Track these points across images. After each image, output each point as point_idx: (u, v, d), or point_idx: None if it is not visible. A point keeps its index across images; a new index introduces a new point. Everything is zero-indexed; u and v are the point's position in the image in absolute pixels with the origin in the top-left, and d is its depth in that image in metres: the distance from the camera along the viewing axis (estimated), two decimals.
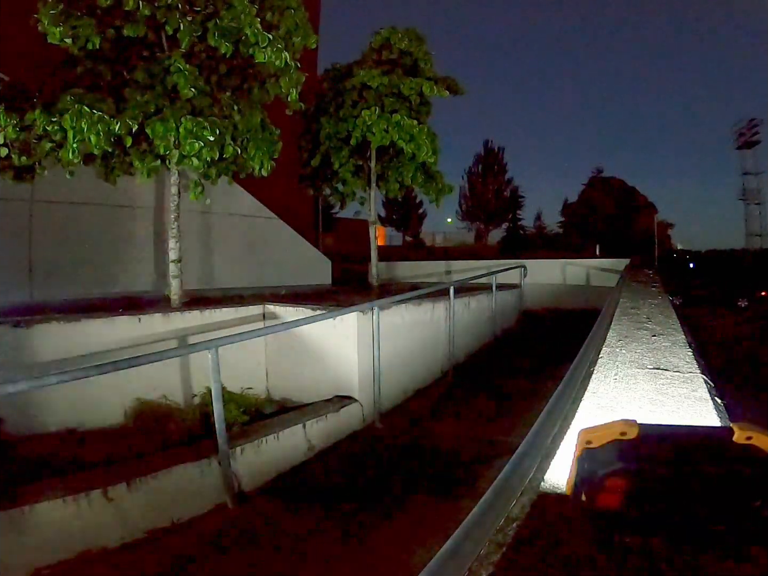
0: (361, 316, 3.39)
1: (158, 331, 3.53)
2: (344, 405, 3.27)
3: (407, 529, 2.08)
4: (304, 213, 11.59)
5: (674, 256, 18.50)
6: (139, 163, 3.60)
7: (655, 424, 0.58)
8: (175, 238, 3.96)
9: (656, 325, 1.95)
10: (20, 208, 4.31)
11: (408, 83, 5.03)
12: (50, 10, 3.22)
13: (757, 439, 0.50)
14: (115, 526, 2.07)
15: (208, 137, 3.35)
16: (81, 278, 4.63)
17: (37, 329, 3.05)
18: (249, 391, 3.64)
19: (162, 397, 3.40)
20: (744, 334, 6.21)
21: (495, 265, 7.18)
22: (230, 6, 3.40)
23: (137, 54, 3.66)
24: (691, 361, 1.36)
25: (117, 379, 3.00)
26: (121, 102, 3.41)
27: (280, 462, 2.75)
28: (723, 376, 1.81)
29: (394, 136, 4.83)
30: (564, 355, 2.54)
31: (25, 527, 1.89)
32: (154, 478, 2.22)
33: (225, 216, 5.77)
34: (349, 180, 5.71)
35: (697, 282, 11.18)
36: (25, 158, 3.35)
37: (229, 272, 5.77)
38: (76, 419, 3.03)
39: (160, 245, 5.00)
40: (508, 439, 2.71)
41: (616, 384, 1.15)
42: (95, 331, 3.26)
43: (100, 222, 4.80)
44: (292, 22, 3.84)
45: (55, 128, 3.10)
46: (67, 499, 1.99)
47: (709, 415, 0.94)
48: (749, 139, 35.32)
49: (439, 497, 2.27)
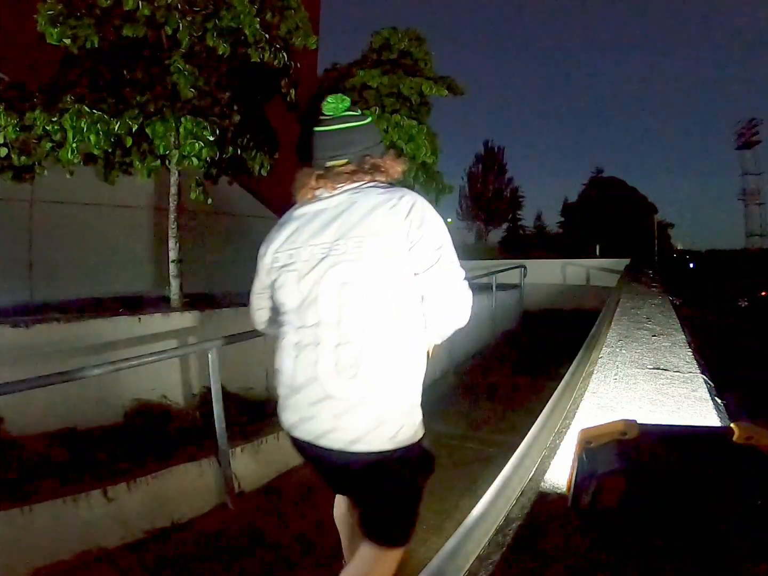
0: None
1: (158, 331, 3.53)
2: None
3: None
4: None
5: (674, 256, 18.50)
6: (139, 163, 3.60)
7: (655, 424, 0.58)
8: (175, 238, 3.96)
9: (656, 325, 1.95)
10: (20, 208, 4.31)
11: (408, 83, 5.03)
12: (48, 10, 3.22)
13: (757, 439, 0.51)
14: (115, 526, 2.07)
15: (208, 137, 3.36)
16: (81, 278, 4.63)
17: (37, 329, 3.05)
18: (249, 391, 3.64)
19: (162, 397, 3.40)
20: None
21: (495, 265, 7.19)
22: (230, 6, 3.41)
23: (137, 54, 3.66)
24: (691, 361, 1.36)
25: (117, 378, 3.00)
26: (121, 102, 3.41)
27: (281, 462, 2.74)
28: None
29: (394, 137, 4.83)
30: (564, 355, 2.54)
31: (25, 527, 1.89)
32: (154, 478, 2.22)
33: (225, 216, 5.78)
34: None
35: (697, 282, 11.17)
36: (25, 158, 3.35)
37: (229, 272, 5.77)
38: (76, 419, 3.03)
39: (160, 245, 5.01)
40: (508, 439, 2.71)
41: (616, 384, 1.15)
42: (95, 331, 3.26)
43: (100, 222, 4.80)
44: (292, 22, 3.84)
45: (55, 128, 3.10)
46: (67, 499, 1.99)
47: (709, 415, 0.94)
48: (749, 139, 35.34)
49: (440, 497, 2.27)
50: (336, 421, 1.06)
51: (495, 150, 28.38)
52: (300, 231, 1.15)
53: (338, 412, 1.06)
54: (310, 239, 1.12)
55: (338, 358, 1.07)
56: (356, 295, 1.07)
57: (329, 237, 1.10)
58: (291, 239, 1.15)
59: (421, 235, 1.07)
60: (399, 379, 1.11)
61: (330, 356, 1.07)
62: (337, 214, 1.12)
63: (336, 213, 1.12)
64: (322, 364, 1.08)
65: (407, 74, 5.18)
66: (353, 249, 1.07)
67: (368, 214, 1.08)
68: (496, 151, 28.39)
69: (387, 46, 5.51)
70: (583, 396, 1.07)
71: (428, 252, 1.08)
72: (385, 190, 1.13)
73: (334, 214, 1.12)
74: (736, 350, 5.92)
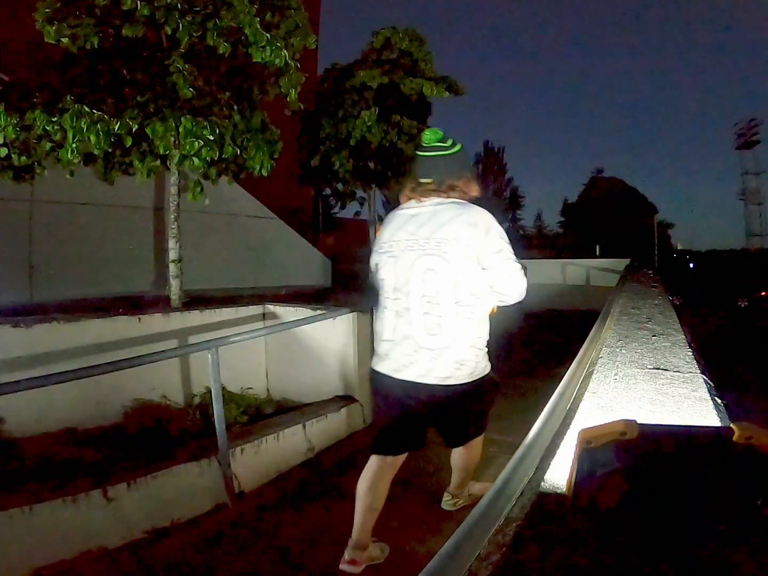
0: (361, 316, 3.39)
1: (158, 331, 3.53)
2: (344, 405, 3.27)
3: (408, 528, 2.08)
4: (304, 213, 11.59)
5: (674, 256, 18.51)
6: (139, 163, 3.60)
7: (655, 424, 0.58)
8: (175, 238, 3.96)
9: (656, 325, 1.95)
10: (20, 208, 4.31)
11: (408, 83, 5.04)
12: (46, 9, 3.22)
13: (757, 439, 0.51)
14: (115, 526, 2.07)
15: (207, 136, 3.35)
16: (81, 278, 4.63)
17: (37, 329, 3.05)
18: (249, 391, 3.64)
19: (162, 397, 3.40)
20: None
21: None
22: (230, 6, 3.41)
23: (137, 54, 3.66)
24: (691, 361, 1.36)
25: (117, 378, 3.00)
26: (120, 102, 3.41)
27: (281, 462, 2.75)
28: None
29: (394, 137, 4.83)
30: (564, 355, 2.54)
31: (25, 527, 1.89)
32: (154, 478, 2.22)
33: (225, 216, 5.77)
34: (349, 180, 5.71)
35: (697, 282, 11.18)
36: (25, 158, 3.35)
37: (229, 272, 5.77)
38: (76, 419, 3.03)
39: (160, 245, 5.01)
40: (508, 438, 2.71)
41: (616, 384, 1.15)
42: (95, 331, 3.26)
43: (100, 222, 4.80)
44: (292, 22, 3.84)
45: (55, 128, 3.10)
46: (67, 499, 1.99)
47: (709, 415, 0.94)
48: (749, 139, 35.32)
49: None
50: (431, 364, 1.54)
51: (495, 150, 28.43)
52: (400, 228, 1.61)
53: (431, 359, 1.54)
54: (405, 235, 1.58)
55: (425, 322, 1.54)
56: (436, 278, 1.52)
57: (419, 236, 1.55)
58: (393, 233, 1.62)
59: (487, 240, 1.51)
60: (469, 336, 1.56)
61: (419, 320, 1.54)
62: (425, 220, 1.56)
63: (424, 219, 1.56)
64: (414, 326, 1.55)
65: (407, 74, 5.19)
66: (434, 246, 1.52)
67: (447, 222, 1.52)
68: (496, 151, 28.43)
69: (387, 46, 5.52)
70: (583, 396, 1.07)
71: (492, 252, 1.51)
72: (460, 206, 1.56)
73: (423, 220, 1.56)
74: (736, 350, 5.92)
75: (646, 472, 0.53)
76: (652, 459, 0.53)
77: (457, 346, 1.53)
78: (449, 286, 1.51)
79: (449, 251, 1.49)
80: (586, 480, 0.54)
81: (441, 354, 1.53)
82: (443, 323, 1.51)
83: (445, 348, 1.52)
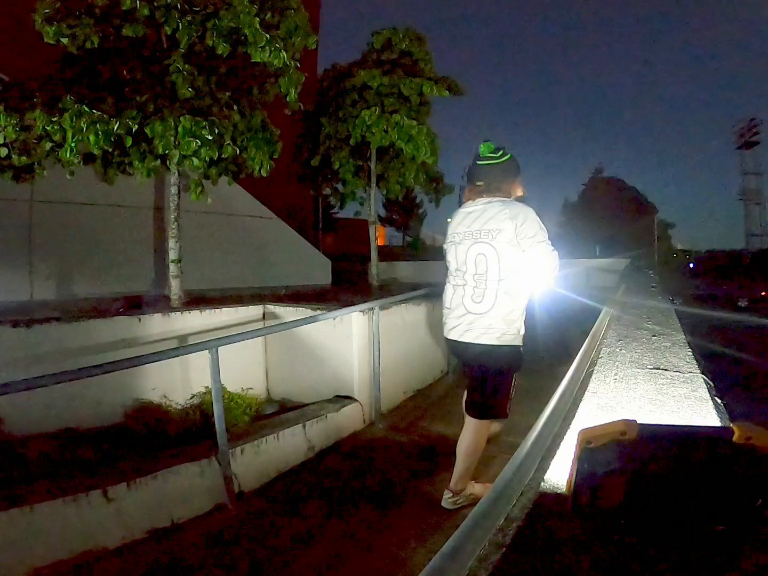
0: (361, 316, 3.39)
1: (158, 331, 3.53)
2: (344, 405, 3.27)
3: (408, 528, 2.08)
4: (304, 213, 11.59)
5: (674, 256, 18.50)
6: (138, 163, 3.60)
7: (655, 424, 0.58)
8: (175, 238, 3.96)
9: (656, 325, 1.95)
10: (20, 208, 4.31)
11: (408, 83, 5.02)
12: (45, 9, 3.22)
13: (757, 439, 0.50)
14: (115, 526, 2.07)
15: (206, 136, 3.35)
16: (81, 278, 4.63)
17: (37, 329, 3.05)
18: (249, 391, 3.64)
19: (162, 396, 3.40)
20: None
21: None
22: (230, 6, 3.40)
23: (136, 54, 3.65)
24: (691, 361, 1.36)
25: (117, 379, 3.00)
26: (120, 102, 3.40)
27: (281, 462, 2.75)
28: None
29: (394, 137, 4.82)
30: (564, 355, 2.53)
31: (25, 527, 1.89)
32: (154, 478, 2.22)
33: (225, 216, 5.77)
34: (349, 180, 5.70)
35: (698, 282, 11.17)
36: (25, 158, 3.35)
37: (229, 272, 5.77)
38: (76, 419, 3.03)
39: (160, 245, 5.01)
40: (508, 438, 2.71)
41: (616, 384, 1.15)
42: (95, 331, 3.26)
43: (100, 222, 4.80)
44: (292, 22, 3.84)
45: (55, 128, 3.10)
46: (67, 499, 1.99)
47: (709, 415, 0.94)
48: (749, 139, 35.31)
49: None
50: (470, 325, 2.03)
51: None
52: (460, 223, 2.11)
53: (471, 321, 2.03)
54: (463, 228, 2.09)
55: (473, 293, 2.03)
56: (484, 261, 2.01)
57: (473, 228, 2.05)
58: (455, 227, 2.13)
59: (523, 228, 1.94)
60: (502, 307, 1.99)
61: (469, 292, 2.04)
62: (478, 215, 2.04)
63: (476, 215, 2.05)
64: (465, 296, 2.06)
65: (407, 74, 5.18)
66: (485, 236, 2.00)
67: (493, 217, 1.99)
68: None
69: (388, 46, 5.51)
70: (583, 396, 1.07)
71: (527, 237, 1.95)
72: (503, 203, 2.01)
73: (475, 215, 2.05)
74: (736, 350, 5.92)
75: (646, 473, 0.53)
76: (652, 459, 0.53)
77: (492, 313, 1.98)
78: (494, 267, 1.98)
79: (495, 239, 1.97)
80: (586, 480, 0.54)
81: (479, 318, 2.00)
82: (486, 294, 1.99)
83: (483, 314, 1.99)
